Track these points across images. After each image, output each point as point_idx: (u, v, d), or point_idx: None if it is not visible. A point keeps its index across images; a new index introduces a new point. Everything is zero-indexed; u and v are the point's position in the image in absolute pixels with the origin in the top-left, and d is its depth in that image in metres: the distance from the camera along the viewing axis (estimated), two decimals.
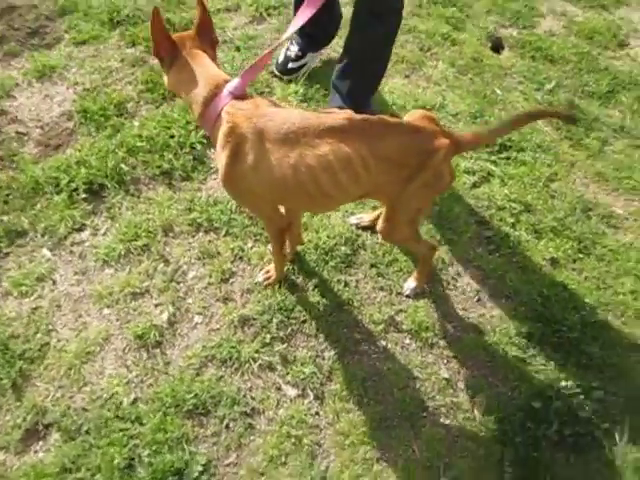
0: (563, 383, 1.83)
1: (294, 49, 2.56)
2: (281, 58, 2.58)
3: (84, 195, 2.13)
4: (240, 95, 1.52)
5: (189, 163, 2.25)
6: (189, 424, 1.68)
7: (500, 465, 1.69)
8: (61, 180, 2.15)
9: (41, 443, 1.64)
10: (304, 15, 1.54)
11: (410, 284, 1.99)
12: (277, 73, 2.60)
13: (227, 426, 1.69)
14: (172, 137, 2.30)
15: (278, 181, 1.50)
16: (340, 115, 1.51)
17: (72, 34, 2.68)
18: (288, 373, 1.80)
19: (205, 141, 2.31)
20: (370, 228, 2.10)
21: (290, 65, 2.56)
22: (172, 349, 1.82)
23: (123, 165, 2.20)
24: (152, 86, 2.49)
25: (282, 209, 1.79)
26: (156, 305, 1.91)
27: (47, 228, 2.05)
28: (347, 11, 2.51)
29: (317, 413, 1.74)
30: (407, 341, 1.91)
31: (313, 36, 2.52)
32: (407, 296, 1.99)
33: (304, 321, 1.91)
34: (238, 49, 2.69)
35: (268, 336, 1.85)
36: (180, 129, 2.31)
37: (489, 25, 3.01)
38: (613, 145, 2.56)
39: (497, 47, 2.92)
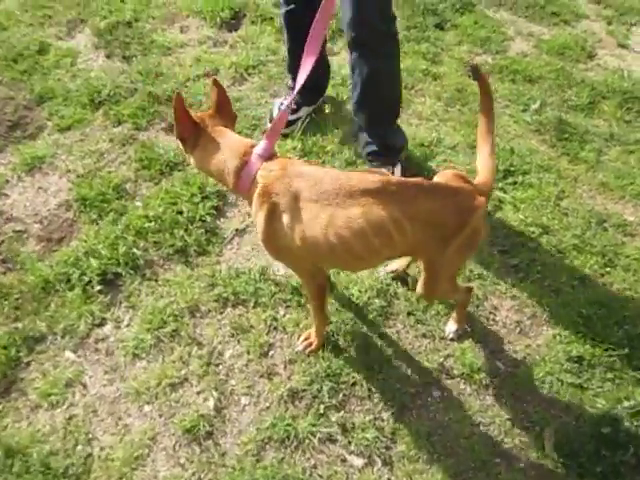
0: (625, 403, 1.81)
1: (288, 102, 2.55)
2: (275, 112, 2.57)
3: (99, 287, 2.03)
4: (269, 156, 1.54)
5: (202, 237, 2.18)
6: None
7: None
8: (72, 275, 2.05)
9: None
10: (308, 64, 1.55)
11: (451, 327, 1.95)
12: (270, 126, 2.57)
13: None
14: (180, 213, 2.23)
15: (311, 241, 1.49)
16: (375, 177, 1.49)
17: (55, 121, 2.61)
18: (350, 442, 1.72)
19: (215, 212, 2.26)
20: (403, 278, 2.08)
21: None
22: (225, 437, 1.72)
23: (135, 249, 2.12)
24: (147, 163, 2.43)
25: None
26: (198, 393, 1.81)
27: (66, 328, 1.95)
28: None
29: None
30: (462, 386, 1.86)
31: (307, 89, 2.51)
32: (451, 339, 1.94)
33: (354, 384, 1.84)
34: None
35: (322, 406, 1.77)
36: (186, 203, 2.25)
37: (463, 55, 3.08)
38: (608, 154, 2.62)
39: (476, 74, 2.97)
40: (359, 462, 1.69)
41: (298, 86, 1.58)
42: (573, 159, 2.59)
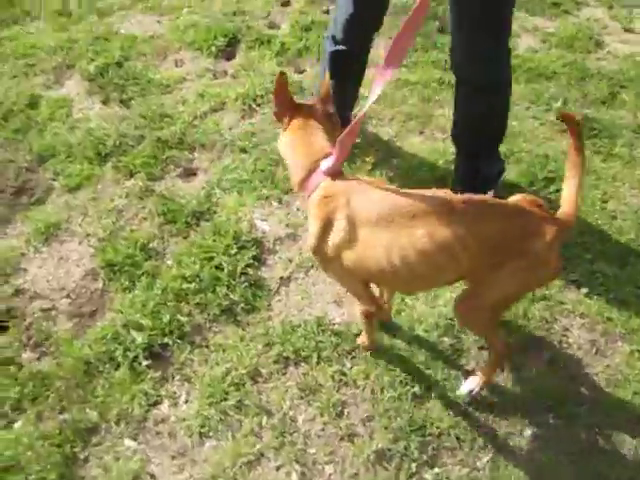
0: None
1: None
2: None
3: (147, 362, 1.88)
4: (335, 173, 1.50)
5: (247, 292, 2.04)
6: None
7: None
8: (114, 352, 1.90)
9: None
10: (383, 80, 1.42)
11: (468, 385, 1.78)
12: None
13: None
14: (218, 268, 2.09)
15: (369, 261, 1.45)
16: (439, 195, 1.42)
17: (61, 181, 2.44)
18: None
19: (255, 262, 2.12)
20: None
21: None
22: None
23: (179, 316, 1.97)
24: (171, 216, 2.27)
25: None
26: (278, 468, 1.67)
27: (120, 414, 1.79)
28: None
29: None
30: (551, 420, 1.76)
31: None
32: (464, 401, 1.78)
33: (440, 434, 1.72)
34: (244, 150, 2.52)
35: (413, 465, 1.66)
36: (223, 256, 2.11)
37: None
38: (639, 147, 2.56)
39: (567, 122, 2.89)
40: None
41: (369, 102, 1.44)
42: (607, 157, 2.52)
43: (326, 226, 1.48)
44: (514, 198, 1.52)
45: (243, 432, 1.74)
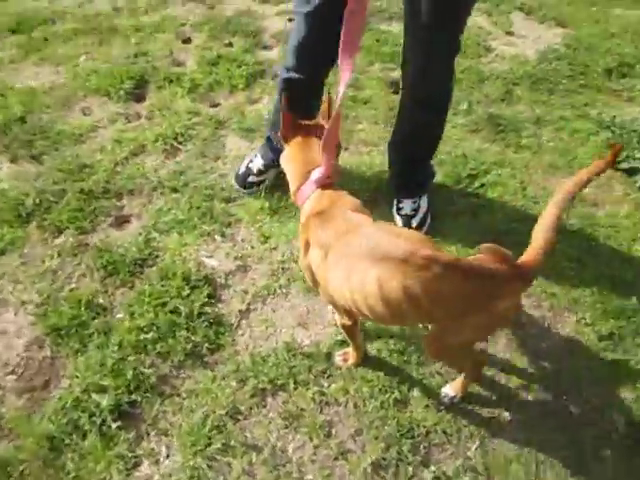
0: None
1: (258, 163, 2.41)
2: (242, 170, 2.44)
3: (116, 424, 1.76)
4: (325, 182, 1.56)
5: (209, 331, 1.98)
6: None
7: None
8: (79, 420, 1.76)
9: None
10: (349, 72, 1.46)
11: (449, 392, 1.82)
12: (235, 186, 2.45)
13: None
14: (173, 312, 2.02)
15: (332, 289, 1.51)
16: (406, 245, 1.36)
17: None
18: None
19: (211, 300, 2.07)
20: None
21: (250, 179, 2.42)
22: None
23: (142, 369, 1.88)
24: (112, 267, 2.17)
25: None
26: None
27: None
28: None
29: None
30: (527, 398, 1.87)
31: (278, 151, 2.37)
32: (442, 404, 1.82)
33: (428, 433, 1.77)
34: (175, 190, 2.47)
35: (410, 468, 1.69)
36: (176, 300, 2.04)
37: (380, 74, 3.13)
38: (543, 136, 2.80)
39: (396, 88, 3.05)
40: None
41: (341, 95, 1.46)
42: (517, 148, 2.73)
43: (306, 248, 1.54)
44: (483, 247, 1.48)
45: (235, 475, 1.68)
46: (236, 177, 2.45)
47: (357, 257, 1.40)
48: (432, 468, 1.69)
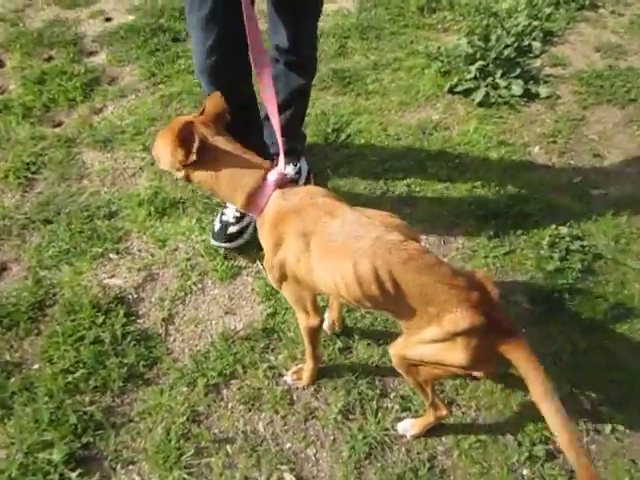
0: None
1: (231, 211, 2.21)
2: (217, 227, 2.20)
3: (76, 473, 1.65)
4: (284, 182, 1.50)
5: (140, 349, 1.91)
6: None
7: None
8: None
9: None
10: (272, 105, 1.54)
11: (408, 428, 1.75)
12: (218, 245, 2.21)
13: None
14: (95, 342, 1.91)
15: (317, 276, 1.47)
16: (380, 227, 1.41)
17: None
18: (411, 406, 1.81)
19: (130, 318, 1.99)
20: None
21: (231, 230, 2.19)
22: None
23: (83, 408, 1.77)
24: (8, 320, 1.98)
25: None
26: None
27: None
28: None
29: None
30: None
31: None
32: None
33: (377, 367, 1.90)
34: (49, 221, 2.29)
35: (373, 403, 1.80)
36: (93, 330, 1.94)
37: None
38: (384, 79, 3.02)
39: None
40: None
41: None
42: (367, 96, 2.92)
43: (279, 244, 1.47)
44: (479, 273, 1.48)
45: (217, 471, 1.68)
46: (215, 237, 2.20)
47: (335, 238, 1.41)
48: (392, 396, 1.84)
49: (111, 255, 2.20)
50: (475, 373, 1.73)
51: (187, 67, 3.01)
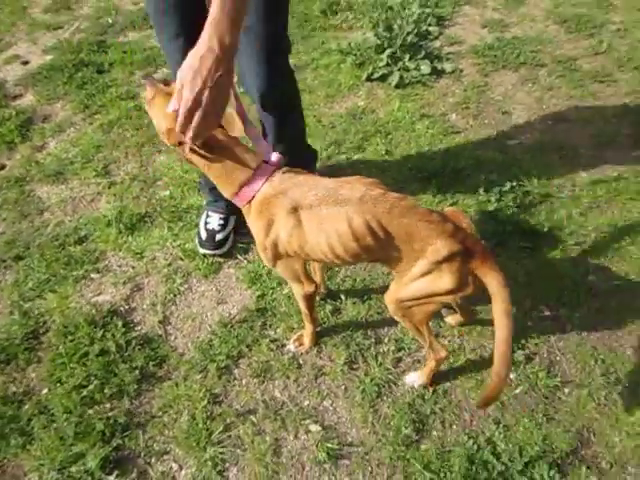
0: None
1: (215, 219, 2.29)
2: (204, 235, 2.28)
3: (114, 474, 1.73)
4: (270, 173, 1.59)
5: (145, 351, 2.00)
6: None
7: None
8: None
9: None
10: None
11: (414, 378, 1.93)
12: (207, 252, 2.30)
13: None
14: (100, 354, 1.98)
15: (309, 245, 1.61)
16: (361, 186, 1.57)
17: None
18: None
19: (129, 326, 2.07)
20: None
21: (219, 237, 2.28)
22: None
23: (104, 415, 1.84)
24: (5, 354, 2.00)
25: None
26: (296, 436, 1.81)
27: None
28: None
29: None
30: None
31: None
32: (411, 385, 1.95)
33: (367, 320, 2.11)
34: (20, 257, 2.31)
35: (371, 350, 2.01)
36: (96, 343, 2.00)
37: None
38: (309, 78, 3.26)
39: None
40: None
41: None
42: None
43: (270, 225, 1.59)
44: (448, 209, 1.70)
45: (248, 440, 1.81)
46: (203, 245, 2.29)
47: (325, 206, 1.56)
48: (385, 340, 2.05)
49: (92, 275, 2.27)
50: (456, 316, 2.02)
51: (119, 94, 3.11)
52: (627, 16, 3.75)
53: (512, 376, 1.95)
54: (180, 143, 1.52)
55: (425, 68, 3.23)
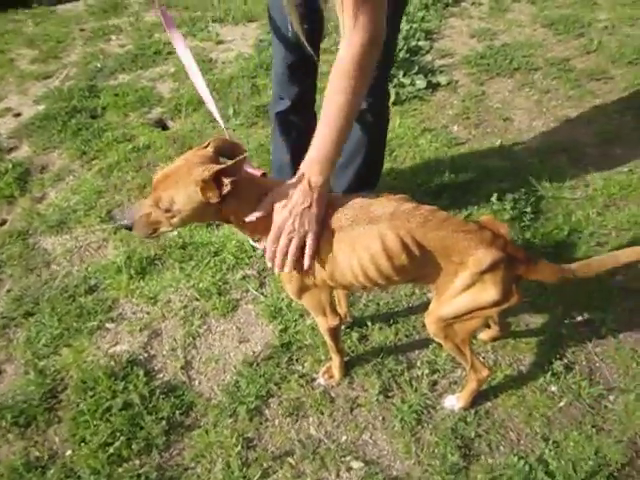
0: None
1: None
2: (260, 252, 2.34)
3: None
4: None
5: (171, 400, 1.91)
6: None
7: None
8: None
9: None
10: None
11: (453, 402, 1.86)
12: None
13: None
14: (124, 408, 1.89)
15: (341, 268, 1.52)
16: (391, 202, 1.50)
17: None
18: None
19: (150, 375, 1.98)
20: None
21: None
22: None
23: (136, 473, 1.74)
24: (24, 417, 1.90)
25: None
26: (338, 474, 1.73)
27: None
28: None
29: None
30: None
31: None
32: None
33: (395, 345, 2.04)
34: (30, 314, 2.23)
35: (404, 372, 1.94)
36: (119, 396, 1.91)
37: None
38: None
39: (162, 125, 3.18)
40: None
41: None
42: None
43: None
44: (483, 219, 1.61)
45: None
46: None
47: (355, 226, 1.48)
48: (418, 364, 1.97)
49: (107, 325, 2.19)
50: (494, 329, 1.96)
51: (115, 138, 3.07)
52: (613, 13, 3.77)
53: (554, 388, 1.88)
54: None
55: (420, 83, 3.21)
